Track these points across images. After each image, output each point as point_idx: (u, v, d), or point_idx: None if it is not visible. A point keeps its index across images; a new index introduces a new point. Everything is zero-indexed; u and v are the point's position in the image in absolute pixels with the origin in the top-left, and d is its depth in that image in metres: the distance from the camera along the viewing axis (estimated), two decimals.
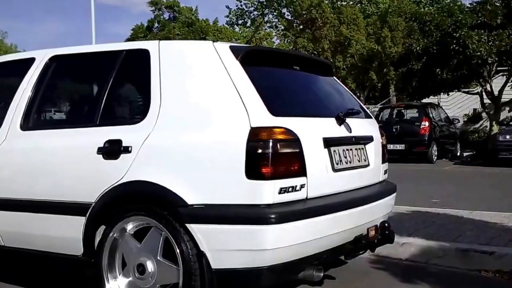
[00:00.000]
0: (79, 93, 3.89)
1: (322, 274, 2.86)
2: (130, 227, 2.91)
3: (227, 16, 37.46)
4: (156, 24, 41.24)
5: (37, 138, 3.29)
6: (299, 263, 2.75)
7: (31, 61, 3.52)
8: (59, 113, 3.79)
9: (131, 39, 38.05)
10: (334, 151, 3.00)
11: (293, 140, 2.69)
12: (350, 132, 3.17)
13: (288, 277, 2.91)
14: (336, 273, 3.73)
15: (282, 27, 29.99)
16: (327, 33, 22.60)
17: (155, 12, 41.33)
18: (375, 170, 3.44)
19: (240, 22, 37.62)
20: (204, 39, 25.78)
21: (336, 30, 22.61)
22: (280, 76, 3.21)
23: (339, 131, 3.10)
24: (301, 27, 25.32)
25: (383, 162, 3.57)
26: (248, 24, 36.88)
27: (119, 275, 2.97)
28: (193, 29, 32.56)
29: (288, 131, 2.67)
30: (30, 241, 3.25)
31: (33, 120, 3.40)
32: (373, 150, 3.43)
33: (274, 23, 33.34)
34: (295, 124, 2.73)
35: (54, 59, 3.46)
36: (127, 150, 2.85)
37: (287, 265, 2.67)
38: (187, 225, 2.66)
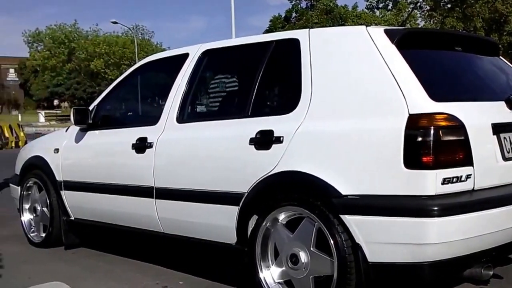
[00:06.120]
0: (230, 85, 4.00)
1: (491, 273, 2.63)
2: (282, 217, 2.91)
3: (367, 0, 36.42)
4: (293, 14, 41.62)
5: (192, 131, 3.43)
6: (465, 260, 2.55)
7: (185, 56, 3.68)
8: (212, 105, 3.92)
9: (269, 30, 38.88)
10: (505, 138, 2.74)
11: (457, 126, 2.49)
12: None
13: (453, 274, 2.70)
14: (503, 273, 3.39)
15: (428, 7, 28.39)
16: (479, 10, 20.98)
17: (292, 2, 41.71)
18: None
19: (380, 5, 36.35)
20: (343, 25, 25.39)
21: (490, 7, 20.89)
22: (440, 59, 3.01)
23: (510, 116, 2.81)
24: (449, 5, 23.79)
25: None
26: (389, 7, 35.51)
27: (272, 264, 2.99)
28: (332, 16, 32.32)
29: (451, 117, 2.49)
30: (188, 228, 3.40)
31: (188, 113, 3.56)
32: None
33: (418, 4, 31.71)
34: (459, 109, 2.54)
35: (206, 53, 3.58)
36: (278, 140, 2.85)
37: (451, 262, 2.49)
38: (341, 216, 2.60)
